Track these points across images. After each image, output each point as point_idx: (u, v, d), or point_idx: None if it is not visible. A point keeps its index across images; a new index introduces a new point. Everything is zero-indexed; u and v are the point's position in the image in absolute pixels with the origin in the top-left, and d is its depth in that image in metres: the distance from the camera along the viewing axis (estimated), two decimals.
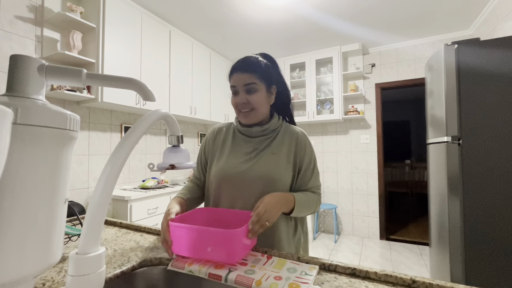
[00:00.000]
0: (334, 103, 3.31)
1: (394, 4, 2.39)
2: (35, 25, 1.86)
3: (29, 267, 0.35)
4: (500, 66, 1.56)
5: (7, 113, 0.26)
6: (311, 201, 0.83)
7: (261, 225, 0.65)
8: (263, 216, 0.65)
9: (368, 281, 0.56)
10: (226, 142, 0.91)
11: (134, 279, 0.64)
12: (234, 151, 0.88)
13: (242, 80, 0.81)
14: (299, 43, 3.25)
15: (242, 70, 0.81)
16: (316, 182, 0.89)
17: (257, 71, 0.81)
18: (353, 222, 3.48)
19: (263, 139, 0.87)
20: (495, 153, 1.55)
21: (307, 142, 0.88)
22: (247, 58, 0.84)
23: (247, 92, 0.81)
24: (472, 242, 1.58)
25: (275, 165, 0.82)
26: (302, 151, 0.86)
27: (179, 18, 2.62)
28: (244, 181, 0.82)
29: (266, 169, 0.82)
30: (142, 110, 2.39)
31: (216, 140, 0.94)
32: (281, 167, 0.82)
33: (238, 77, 0.82)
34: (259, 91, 0.82)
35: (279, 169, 0.82)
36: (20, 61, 0.38)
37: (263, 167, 0.82)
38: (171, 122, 0.59)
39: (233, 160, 0.85)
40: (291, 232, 0.86)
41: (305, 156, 0.86)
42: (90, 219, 0.41)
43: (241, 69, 0.82)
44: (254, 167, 0.82)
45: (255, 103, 0.82)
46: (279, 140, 0.87)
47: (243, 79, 0.81)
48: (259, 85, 0.82)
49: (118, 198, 2.03)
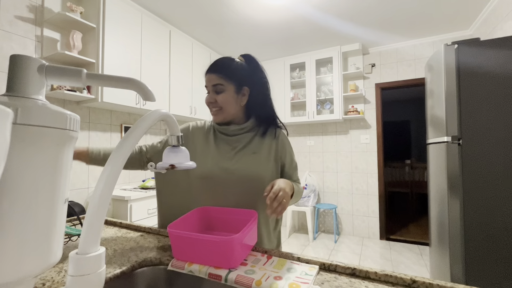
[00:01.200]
0: (334, 103, 3.31)
1: (394, 4, 2.39)
2: (35, 25, 1.86)
3: (29, 267, 0.35)
4: (500, 66, 1.56)
5: (7, 113, 0.26)
6: (300, 191, 0.90)
7: (279, 202, 0.67)
8: (280, 194, 0.68)
9: (368, 281, 0.56)
10: (205, 141, 0.91)
11: (134, 279, 0.64)
12: (215, 151, 0.89)
13: (211, 81, 0.85)
14: (299, 43, 3.25)
15: (211, 71, 0.85)
16: (297, 175, 0.95)
17: (225, 72, 0.84)
18: (353, 222, 3.48)
19: (241, 137, 0.89)
20: (495, 153, 1.55)
21: (285, 140, 0.93)
22: (219, 59, 0.88)
23: (215, 92, 0.85)
24: (472, 242, 1.58)
25: (257, 164, 0.85)
26: (283, 150, 0.91)
27: (179, 18, 2.62)
28: (226, 180, 0.84)
29: (248, 168, 0.84)
30: (142, 110, 2.39)
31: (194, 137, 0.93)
32: (262, 165, 0.85)
33: (208, 77, 0.86)
34: (226, 91, 0.84)
35: (260, 167, 0.85)
36: (20, 61, 0.38)
37: (244, 166, 0.84)
38: (171, 122, 0.59)
39: (215, 159, 0.87)
40: (273, 226, 0.91)
41: (286, 154, 0.91)
42: (90, 219, 0.41)
43: (210, 70, 0.86)
44: (236, 167, 0.85)
45: (222, 102, 0.85)
46: (259, 140, 0.89)
47: (211, 79, 0.85)
48: (226, 86, 0.84)
49: (118, 198, 2.03)
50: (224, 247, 0.59)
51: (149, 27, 2.41)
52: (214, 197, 0.85)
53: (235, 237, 0.58)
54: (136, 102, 2.24)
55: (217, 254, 0.60)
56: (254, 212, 0.75)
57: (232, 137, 0.90)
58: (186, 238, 0.62)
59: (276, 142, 0.90)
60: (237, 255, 0.60)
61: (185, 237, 0.62)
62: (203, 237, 0.60)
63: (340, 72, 3.28)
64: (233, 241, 0.58)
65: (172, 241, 0.64)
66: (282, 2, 2.34)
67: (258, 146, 0.88)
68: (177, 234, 0.62)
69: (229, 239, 0.58)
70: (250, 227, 0.66)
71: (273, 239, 0.91)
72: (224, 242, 0.58)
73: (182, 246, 0.63)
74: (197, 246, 0.61)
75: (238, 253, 0.61)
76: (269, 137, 0.90)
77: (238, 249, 0.60)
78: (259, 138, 0.89)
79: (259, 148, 0.87)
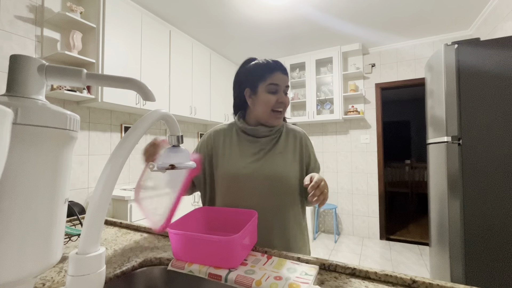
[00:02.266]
0: (334, 103, 3.31)
1: (394, 4, 2.39)
2: (35, 25, 1.86)
3: (29, 267, 0.35)
4: (500, 66, 1.56)
5: (7, 113, 0.26)
6: None
7: (321, 191, 0.69)
8: (322, 184, 0.70)
9: (368, 281, 0.56)
10: (229, 143, 0.91)
11: (134, 279, 0.64)
12: (240, 152, 0.88)
13: (285, 81, 0.85)
14: (299, 43, 3.25)
15: (283, 72, 0.85)
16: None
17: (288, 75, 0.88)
18: (353, 222, 3.48)
19: (269, 140, 0.90)
20: (495, 153, 1.55)
21: (308, 140, 0.95)
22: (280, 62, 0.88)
23: (285, 93, 0.86)
24: (472, 242, 1.58)
25: (283, 164, 0.86)
26: (307, 149, 0.92)
27: (179, 18, 2.62)
28: (253, 181, 0.84)
29: (275, 168, 0.85)
30: (142, 110, 2.39)
31: (215, 142, 0.93)
32: (288, 165, 0.87)
33: (281, 77, 0.84)
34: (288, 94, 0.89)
35: (286, 167, 0.86)
36: (20, 61, 0.38)
37: (272, 166, 0.85)
38: (171, 122, 0.59)
39: (242, 160, 0.87)
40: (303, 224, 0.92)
41: (310, 153, 0.93)
42: (90, 219, 0.41)
43: (282, 71, 0.85)
44: (263, 167, 0.85)
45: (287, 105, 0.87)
46: (284, 140, 0.91)
47: (285, 80, 0.85)
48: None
49: (118, 198, 2.03)
50: (224, 247, 0.59)
51: (149, 27, 2.41)
52: (239, 198, 0.84)
53: (235, 237, 0.58)
54: (136, 102, 2.24)
55: (217, 254, 0.60)
56: (254, 212, 0.74)
57: (261, 138, 0.90)
58: (186, 238, 0.62)
59: (299, 143, 0.91)
60: (237, 255, 0.60)
61: (185, 237, 0.62)
62: (203, 237, 0.60)
63: (340, 72, 3.28)
64: (233, 241, 0.58)
65: (172, 241, 0.64)
66: (282, 2, 2.34)
67: (284, 147, 0.89)
68: (177, 234, 0.62)
69: (229, 239, 0.58)
70: (250, 227, 0.66)
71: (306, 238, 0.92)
72: (224, 242, 0.58)
73: (182, 246, 0.63)
74: (197, 246, 0.61)
75: (238, 253, 0.61)
76: (292, 138, 0.92)
77: (238, 249, 0.60)
78: (284, 138, 0.91)
79: (285, 148, 0.89)
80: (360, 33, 2.97)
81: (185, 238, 0.62)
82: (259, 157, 0.87)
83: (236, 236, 0.58)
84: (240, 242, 0.61)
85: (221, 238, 0.59)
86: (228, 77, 3.56)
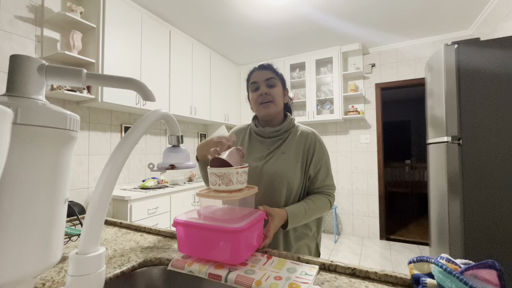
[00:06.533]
0: (334, 103, 3.31)
1: (394, 3, 2.39)
2: (35, 25, 1.86)
3: (29, 267, 0.35)
4: (500, 66, 1.56)
5: (7, 113, 0.26)
6: (313, 209, 0.85)
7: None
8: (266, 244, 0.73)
9: (368, 281, 0.56)
10: (242, 142, 0.99)
11: (134, 279, 0.64)
12: (249, 151, 0.95)
13: (263, 76, 0.90)
14: (299, 43, 3.25)
15: (261, 68, 0.92)
16: (326, 181, 0.91)
17: (273, 70, 0.93)
18: (353, 222, 3.48)
19: (275, 140, 0.93)
20: (495, 153, 1.55)
21: (316, 142, 0.91)
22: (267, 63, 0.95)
23: (267, 86, 0.90)
24: (472, 242, 1.58)
25: (284, 164, 0.87)
26: (310, 151, 0.90)
27: (179, 18, 2.61)
28: (255, 179, 0.88)
29: (276, 168, 0.87)
30: (142, 110, 2.39)
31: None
32: (289, 165, 0.87)
33: (259, 73, 0.91)
34: (277, 86, 0.91)
35: (287, 167, 0.87)
36: (20, 61, 0.38)
37: (273, 165, 0.88)
38: (171, 122, 0.59)
39: (249, 159, 0.92)
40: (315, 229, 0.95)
41: (314, 155, 0.90)
42: (90, 219, 0.41)
43: (260, 68, 0.92)
44: (265, 166, 0.88)
45: (274, 95, 0.90)
46: (290, 141, 0.92)
47: (264, 74, 0.90)
48: (276, 82, 0.91)
49: (118, 198, 2.03)
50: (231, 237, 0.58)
51: (149, 27, 2.41)
52: None
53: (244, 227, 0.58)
54: (136, 102, 2.24)
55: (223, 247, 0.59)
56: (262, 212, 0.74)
57: (267, 139, 0.94)
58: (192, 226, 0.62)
59: (304, 143, 0.91)
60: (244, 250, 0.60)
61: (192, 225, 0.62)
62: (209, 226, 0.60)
63: (340, 72, 3.28)
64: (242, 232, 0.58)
65: (178, 231, 0.63)
66: (282, 2, 2.34)
67: (288, 147, 0.91)
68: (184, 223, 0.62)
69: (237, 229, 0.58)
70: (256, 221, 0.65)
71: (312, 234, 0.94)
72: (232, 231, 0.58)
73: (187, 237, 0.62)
74: (203, 237, 0.61)
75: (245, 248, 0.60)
76: (299, 138, 0.92)
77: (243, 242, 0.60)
78: (291, 139, 0.93)
79: (289, 148, 0.90)
80: (360, 33, 2.97)
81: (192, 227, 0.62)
82: (263, 156, 0.91)
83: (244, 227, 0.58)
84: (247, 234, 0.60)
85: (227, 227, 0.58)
86: (228, 77, 3.56)
